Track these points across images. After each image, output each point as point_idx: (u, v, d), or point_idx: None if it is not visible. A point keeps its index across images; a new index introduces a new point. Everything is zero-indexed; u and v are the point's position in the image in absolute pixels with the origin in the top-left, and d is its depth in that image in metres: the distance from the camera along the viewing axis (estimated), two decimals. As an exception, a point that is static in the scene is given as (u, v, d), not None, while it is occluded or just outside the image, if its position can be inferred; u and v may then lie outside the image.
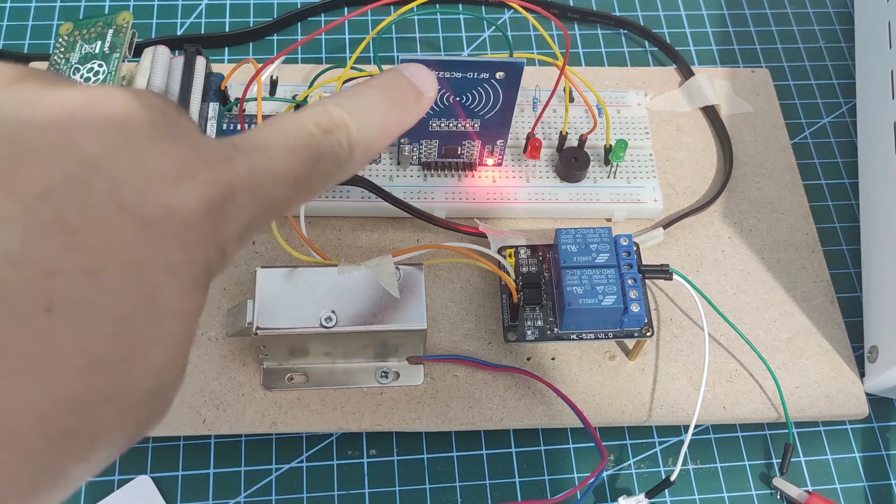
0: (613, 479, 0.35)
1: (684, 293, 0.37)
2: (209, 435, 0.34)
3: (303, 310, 0.31)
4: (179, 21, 0.47)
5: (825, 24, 0.49)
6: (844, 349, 0.37)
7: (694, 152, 0.42)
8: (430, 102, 0.23)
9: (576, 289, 0.33)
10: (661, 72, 0.45)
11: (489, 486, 0.35)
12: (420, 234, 0.39)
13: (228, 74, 0.39)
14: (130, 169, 0.14)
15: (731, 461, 0.36)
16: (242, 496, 0.34)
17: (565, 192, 0.39)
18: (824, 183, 0.43)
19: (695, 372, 0.36)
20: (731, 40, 0.48)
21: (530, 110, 0.41)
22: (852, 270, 0.41)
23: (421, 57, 0.37)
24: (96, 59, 0.37)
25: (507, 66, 0.33)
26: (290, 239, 0.36)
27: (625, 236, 0.34)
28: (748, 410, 0.36)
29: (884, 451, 0.37)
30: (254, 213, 0.16)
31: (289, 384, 0.35)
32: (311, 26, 0.47)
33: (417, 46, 0.47)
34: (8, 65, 0.15)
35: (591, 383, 0.36)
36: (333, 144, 0.19)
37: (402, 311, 0.32)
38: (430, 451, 0.35)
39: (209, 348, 0.35)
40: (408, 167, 0.39)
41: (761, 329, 0.37)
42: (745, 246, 0.39)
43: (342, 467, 0.35)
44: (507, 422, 0.35)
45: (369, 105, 0.20)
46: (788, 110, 0.45)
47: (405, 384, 0.35)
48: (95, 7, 0.47)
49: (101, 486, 0.34)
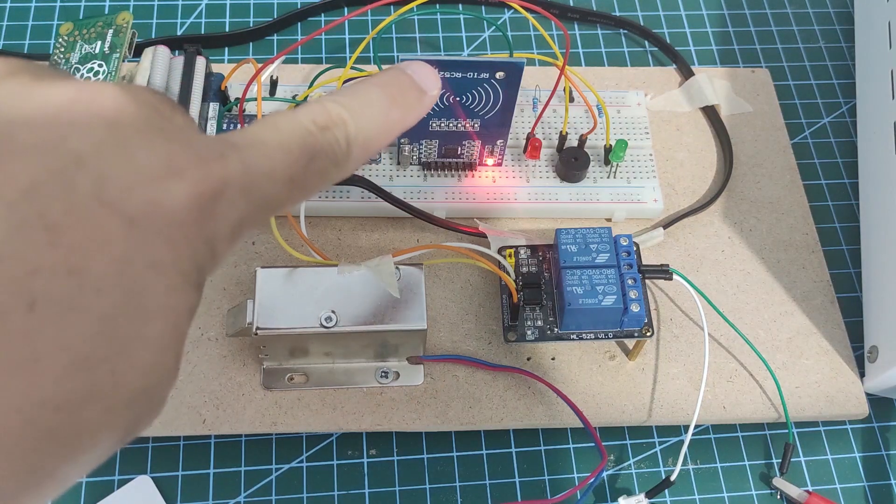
0: (613, 479, 0.35)
1: (684, 293, 0.37)
2: (209, 435, 0.34)
3: (303, 310, 0.31)
4: (179, 21, 0.47)
5: (825, 24, 0.49)
6: (844, 349, 0.37)
7: (694, 152, 0.42)
8: (432, 101, 0.22)
9: (576, 289, 0.33)
10: (661, 72, 0.45)
11: (489, 486, 0.35)
12: (420, 234, 0.39)
13: (228, 74, 0.39)
14: (118, 165, 0.14)
15: (731, 461, 0.36)
16: (242, 496, 0.34)
17: (565, 192, 0.39)
18: (824, 183, 0.43)
19: (695, 372, 0.36)
20: (731, 40, 0.48)
21: (530, 110, 0.41)
22: (852, 270, 0.41)
23: (421, 57, 0.37)
24: (96, 59, 0.37)
25: (507, 66, 0.33)
26: (290, 239, 0.36)
27: (625, 236, 0.34)
28: (748, 410, 0.36)
29: (884, 451, 0.37)
30: (246, 211, 0.16)
31: (289, 384, 0.35)
32: (311, 26, 0.47)
33: (417, 46, 0.47)
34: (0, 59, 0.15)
35: (591, 383, 0.36)
36: (330, 142, 0.18)
37: (402, 311, 0.32)
38: (430, 451, 0.35)
39: (209, 348, 0.35)
40: (408, 167, 0.39)
41: (761, 329, 0.37)
42: (745, 246, 0.39)
43: (342, 467, 0.35)
44: (507, 422, 0.35)
45: (369, 102, 0.20)
46: (788, 110, 0.45)
47: (405, 384, 0.35)
48: (95, 7, 0.47)
49: (101, 486, 0.34)
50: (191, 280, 0.15)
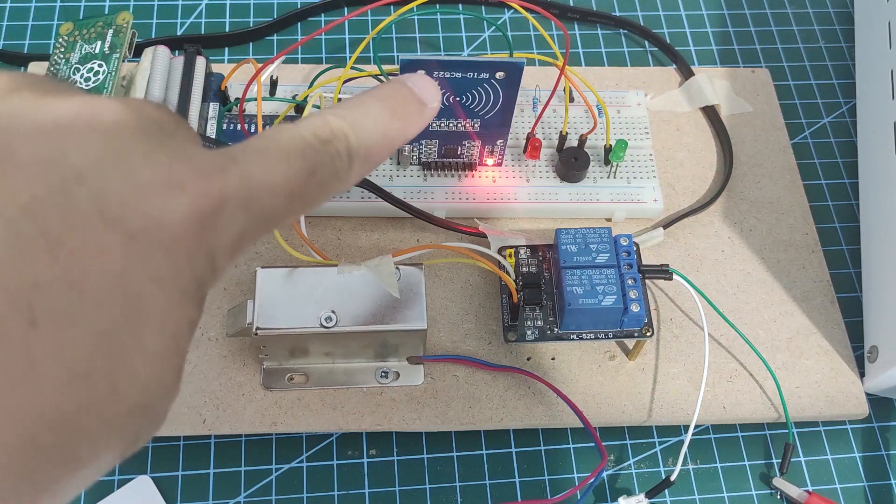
0: (613, 479, 0.35)
1: (684, 293, 0.37)
2: (209, 435, 0.34)
3: (303, 310, 0.31)
4: (179, 21, 0.47)
5: (825, 24, 0.49)
6: (844, 349, 0.37)
7: (694, 152, 0.42)
8: (433, 114, 0.22)
9: (576, 289, 0.33)
10: (661, 72, 0.45)
11: (489, 486, 0.35)
12: (420, 234, 0.39)
13: (228, 74, 0.39)
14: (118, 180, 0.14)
15: (731, 461, 0.36)
16: (242, 496, 0.34)
17: (565, 192, 0.39)
18: (824, 183, 0.43)
19: (695, 372, 0.36)
20: (731, 40, 0.48)
21: (530, 110, 0.41)
22: (852, 270, 0.41)
23: (421, 57, 0.37)
24: (96, 59, 0.37)
25: (507, 66, 0.33)
26: (290, 239, 0.36)
27: (625, 236, 0.34)
28: (748, 410, 0.36)
29: (884, 451, 0.37)
30: (246, 225, 0.16)
31: (289, 384, 0.35)
32: (311, 26, 0.47)
33: (417, 46, 0.47)
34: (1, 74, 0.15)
35: (591, 383, 0.36)
36: (332, 155, 0.18)
37: (402, 311, 0.32)
38: (430, 451, 0.35)
39: (209, 348, 0.35)
40: (408, 167, 0.39)
41: (761, 329, 0.37)
42: (745, 246, 0.39)
43: (342, 467, 0.35)
44: (507, 422, 0.35)
45: (370, 115, 0.20)
46: (788, 110, 0.45)
47: (405, 384, 0.35)
48: (95, 7, 0.47)
49: (101, 486, 0.34)
50: (191, 295, 0.15)
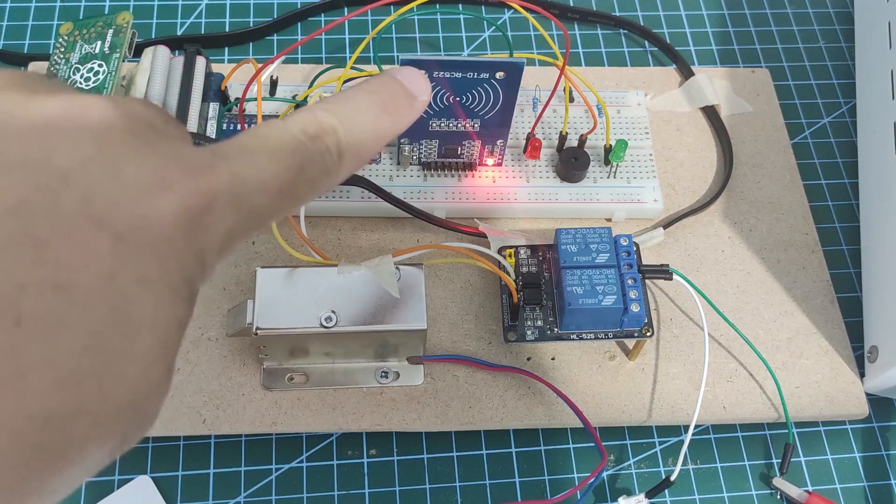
0: (613, 479, 0.35)
1: (684, 293, 0.37)
2: (209, 435, 0.34)
3: (303, 310, 0.31)
4: (179, 21, 0.47)
5: (825, 24, 0.49)
6: (844, 349, 0.37)
7: (694, 152, 0.42)
8: (423, 106, 0.22)
9: (576, 289, 0.33)
10: (661, 72, 0.45)
11: (489, 486, 0.35)
12: (420, 234, 0.39)
13: (228, 74, 0.39)
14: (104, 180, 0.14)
15: (731, 461, 0.36)
16: (242, 496, 0.34)
17: (565, 192, 0.39)
18: (824, 183, 0.43)
19: (695, 372, 0.36)
20: (731, 40, 0.48)
21: (530, 110, 0.41)
22: (852, 270, 0.41)
23: (421, 57, 0.37)
24: (96, 59, 0.37)
25: (507, 66, 0.33)
26: (290, 239, 0.36)
27: (625, 236, 0.34)
28: (748, 410, 0.36)
29: (884, 451, 0.37)
30: (236, 223, 0.16)
31: (289, 384, 0.35)
32: (311, 26, 0.47)
33: (417, 46, 0.47)
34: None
35: (591, 383, 0.36)
36: (321, 151, 0.18)
37: (402, 311, 0.32)
38: (430, 451, 0.35)
39: (209, 348, 0.35)
40: (408, 167, 0.39)
41: (761, 329, 0.37)
42: (745, 246, 0.39)
43: (342, 467, 0.35)
44: (507, 422, 0.35)
45: (359, 109, 0.20)
46: (788, 110, 0.45)
47: (405, 384, 0.35)
48: (95, 7, 0.47)
49: (101, 486, 0.34)
50: (180, 293, 0.15)
